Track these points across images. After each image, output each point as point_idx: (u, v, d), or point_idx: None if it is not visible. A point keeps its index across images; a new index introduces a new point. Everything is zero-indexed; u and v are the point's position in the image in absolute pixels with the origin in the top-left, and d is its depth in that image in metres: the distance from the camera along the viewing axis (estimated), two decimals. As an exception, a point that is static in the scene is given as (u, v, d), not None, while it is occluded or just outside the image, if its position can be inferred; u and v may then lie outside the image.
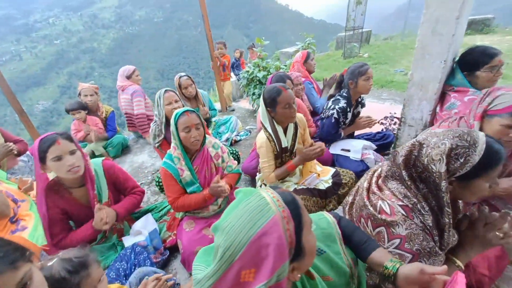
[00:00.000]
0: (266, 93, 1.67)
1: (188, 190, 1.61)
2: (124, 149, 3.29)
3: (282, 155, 1.78)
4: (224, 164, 1.80)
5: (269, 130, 1.70)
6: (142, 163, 3.00)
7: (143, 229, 1.62)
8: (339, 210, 1.80)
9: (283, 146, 1.73)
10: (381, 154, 2.24)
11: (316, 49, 11.36)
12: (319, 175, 1.86)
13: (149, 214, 1.78)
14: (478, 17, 7.97)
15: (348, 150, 2.19)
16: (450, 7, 1.54)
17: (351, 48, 8.35)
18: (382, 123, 2.72)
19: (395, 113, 2.61)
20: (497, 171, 0.79)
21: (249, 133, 3.28)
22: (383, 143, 2.35)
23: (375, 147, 2.22)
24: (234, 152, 2.38)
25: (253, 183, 2.22)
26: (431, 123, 1.92)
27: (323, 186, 1.82)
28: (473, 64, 1.68)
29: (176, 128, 1.53)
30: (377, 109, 3.71)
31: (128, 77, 3.22)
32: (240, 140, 3.16)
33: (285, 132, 1.77)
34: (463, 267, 0.95)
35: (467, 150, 0.78)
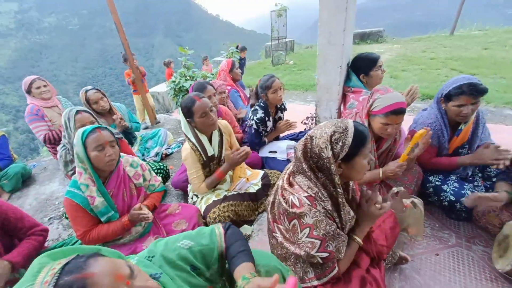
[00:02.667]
0: (182, 104, 1.66)
1: (102, 219, 1.42)
2: (26, 180, 2.73)
3: (210, 164, 1.76)
4: (146, 183, 1.67)
5: (193, 140, 1.68)
6: (52, 193, 2.54)
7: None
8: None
9: (209, 154, 1.72)
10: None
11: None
12: (248, 179, 1.91)
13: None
14: (374, 29, 9.64)
15: (275, 152, 2.32)
16: (337, 21, 1.81)
17: (278, 56, 8.98)
18: (305, 123, 2.98)
19: (315, 114, 2.89)
20: (367, 148, 0.95)
21: (181, 145, 3.14)
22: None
23: (298, 145, 2.41)
24: (162, 167, 2.24)
25: (185, 198, 2.13)
26: (339, 121, 2.20)
27: (253, 189, 1.88)
28: (364, 67, 2.02)
29: (85, 148, 1.34)
30: (303, 110, 4.04)
31: (28, 92, 2.49)
32: (172, 153, 3.01)
33: (210, 140, 1.76)
34: (361, 242, 1.09)
35: (342, 134, 0.93)
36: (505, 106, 3.64)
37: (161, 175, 2.18)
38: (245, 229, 1.71)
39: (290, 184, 1.07)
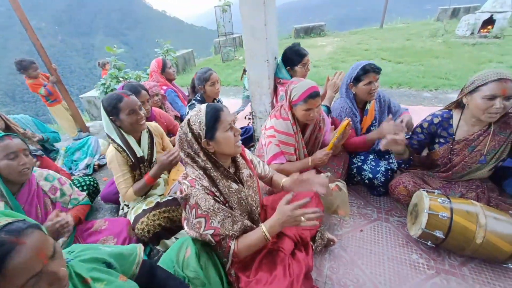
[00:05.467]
0: (105, 101, 1.50)
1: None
2: None
3: (139, 166, 1.63)
4: (66, 197, 1.52)
5: (118, 140, 1.53)
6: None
7: None
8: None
9: (138, 155, 1.59)
10: (246, 147, 2.44)
11: (196, 55, 11.36)
12: (182, 182, 1.83)
13: None
14: (316, 24, 10.16)
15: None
16: (258, 16, 1.82)
17: (227, 52, 8.88)
18: (249, 118, 2.99)
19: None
20: (224, 121, 1.03)
21: (118, 153, 2.88)
22: (247, 137, 2.58)
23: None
24: (90, 182, 2.01)
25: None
26: (274, 114, 2.24)
27: (190, 192, 1.81)
28: (291, 60, 2.09)
29: None
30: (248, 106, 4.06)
31: None
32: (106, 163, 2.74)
33: (139, 142, 1.64)
34: (268, 234, 1.03)
35: (197, 115, 1.04)
36: (424, 89, 4.15)
37: (88, 191, 1.96)
38: (182, 234, 1.64)
39: (185, 176, 1.10)
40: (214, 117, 1.02)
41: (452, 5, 9.52)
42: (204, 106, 1.05)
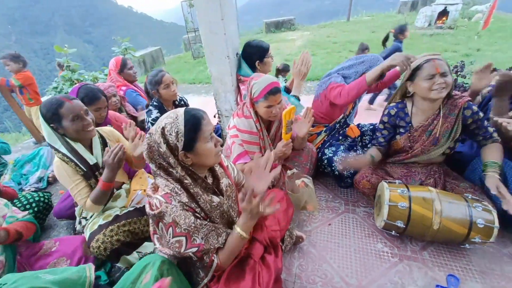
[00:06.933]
0: (43, 108, 1.31)
1: None
2: None
3: (94, 174, 1.47)
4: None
5: (63, 150, 1.37)
6: None
7: None
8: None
9: (91, 163, 1.44)
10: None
11: (166, 52, 10.91)
12: (145, 190, 1.71)
13: None
14: (286, 18, 10.19)
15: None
16: (213, 10, 1.73)
17: (197, 49, 8.63)
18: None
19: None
20: (206, 131, 0.91)
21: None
22: (215, 137, 2.49)
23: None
24: (40, 198, 1.81)
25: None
26: (240, 112, 2.17)
27: (154, 200, 1.69)
28: (260, 54, 1.98)
29: None
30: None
31: None
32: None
33: (91, 148, 1.48)
34: (244, 234, 1.01)
35: (173, 124, 0.88)
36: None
37: (38, 208, 1.77)
38: (146, 247, 1.54)
39: (155, 189, 0.98)
40: (194, 127, 0.89)
41: (412, -2, 10.01)
42: (181, 113, 0.90)
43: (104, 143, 1.56)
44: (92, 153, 1.47)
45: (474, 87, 1.65)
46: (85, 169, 1.42)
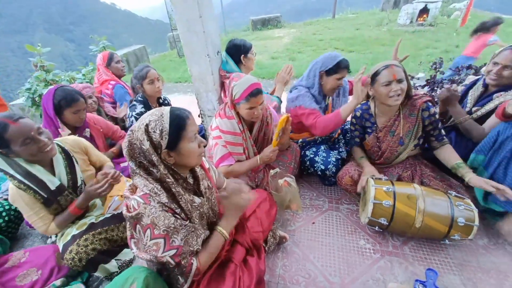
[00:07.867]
0: None
1: None
2: None
3: (57, 198, 1.33)
4: None
5: (18, 177, 1.21)
6: None
7: None
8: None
9: (52, 188, 1.29)
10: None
11: (151, 50, 10.64)
12: (122, 196, 1.65)
13: None
14: (272, 15, 10.16)
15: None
16: (190, 8, 1.68)
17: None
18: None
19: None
20: (190, 131, 0.91)
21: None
22: (198, 137, 2.44)
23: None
24: (11, 206, 1.71)
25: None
26: (223, 111, 2.13)
27: (133, 204, 1.63)
28: (245, 49, 1.96)
29: None
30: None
31: None
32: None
33: (52, 168, 1.33)
34: (226, 234, 1.04)
35: (158, 121, 0.86)
36: (371, 76, 4.37)
37: (9, 217, 1.67)
38: (125, 255, 1.48)
39: (133, 190, 0.94)
40: (179, 126, 0.89)
41: (394, -5, 10.20)
42: (167, 111, 0.89)
43: (68, 157, 1.39)
44: (54, 174, 1.32)
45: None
46: (46, 195, 1.27)
